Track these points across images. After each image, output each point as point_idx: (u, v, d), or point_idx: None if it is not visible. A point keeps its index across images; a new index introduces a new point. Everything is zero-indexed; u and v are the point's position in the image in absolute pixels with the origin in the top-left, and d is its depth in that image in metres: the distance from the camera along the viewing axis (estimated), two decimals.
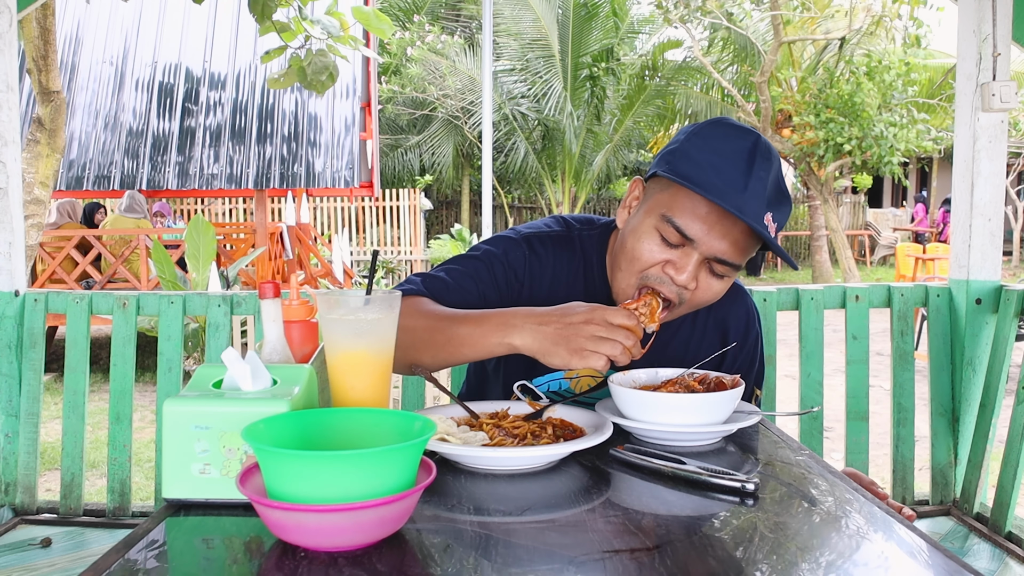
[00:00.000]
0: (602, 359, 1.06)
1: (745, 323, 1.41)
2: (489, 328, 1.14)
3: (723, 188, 1.13)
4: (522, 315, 1.13)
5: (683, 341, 1.39)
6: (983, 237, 2.33)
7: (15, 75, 2.29)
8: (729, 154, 1.16)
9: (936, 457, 2.36)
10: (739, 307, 1.42)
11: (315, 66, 2.84)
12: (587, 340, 1.06)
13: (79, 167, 7.40)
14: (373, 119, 8.38)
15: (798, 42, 12.01)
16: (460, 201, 16.83)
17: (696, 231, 1.16)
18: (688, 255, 1.18)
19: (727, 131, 1.20)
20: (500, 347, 1.13)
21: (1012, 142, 13.62)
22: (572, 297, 1.28)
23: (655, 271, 1.20)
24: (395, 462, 0.77)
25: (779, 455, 1.09)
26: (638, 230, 1.22)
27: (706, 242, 1.16)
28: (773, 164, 1.18)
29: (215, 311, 2.26)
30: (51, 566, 1.97)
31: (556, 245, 1.36)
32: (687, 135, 1.22)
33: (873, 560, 0.76)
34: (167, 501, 0.90)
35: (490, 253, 1.34)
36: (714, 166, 1.15)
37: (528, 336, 1.10)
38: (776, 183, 1.18)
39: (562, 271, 1.35)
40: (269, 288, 1.05)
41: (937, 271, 7.12)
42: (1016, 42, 2.30)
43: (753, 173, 1.14)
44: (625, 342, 1.06)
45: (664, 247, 1.19)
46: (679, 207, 1.17)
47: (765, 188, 1.15)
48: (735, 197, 1.13)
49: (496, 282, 1.33)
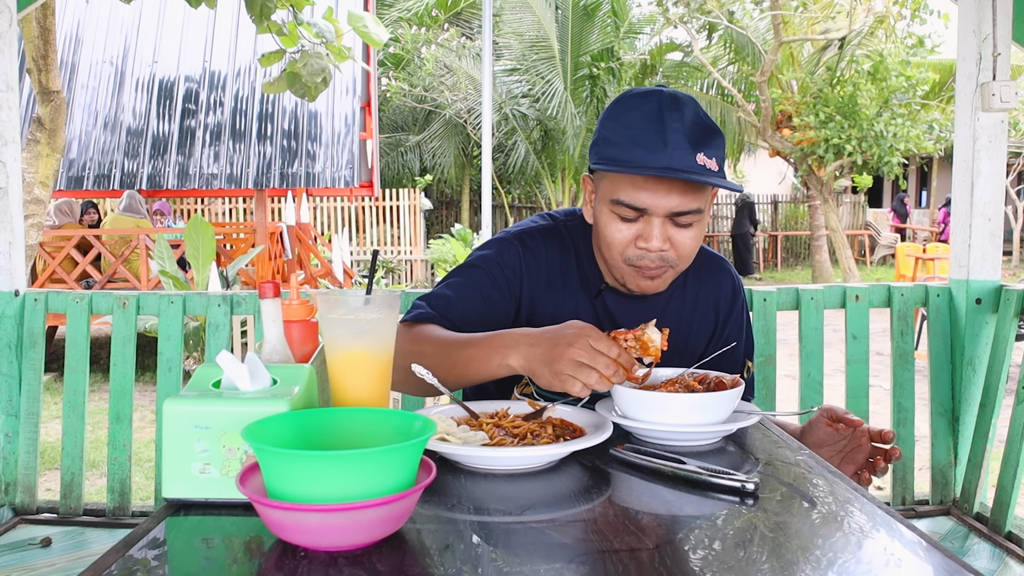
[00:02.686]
0: (578, 384, 1.08)
1: (732, 291, 1.49)
2: (490, 350, 1.19)
3: (647, 155, 1.20)
4: (518, 336, 1.18)
5: (676, 312, 1.44)
6: (983, 237, 2.33)
7: (15, 75, 2.29)
8: (640, 122, 1.22)
9: (936, 457, 2.36)
10: (724, 277, 1.49)
11: (311, 67, 2.84)
12: (567, 364, 1.09)
13: (79, 167, 7.40)
14: (373, 119, 8.37)
15: (798, 42, 12.01)
16: (460, 201, 16.83)
17: (644, 201, 1.23)
18: (649, 223, 1.24)
19: (631, 102, 1.26)
20: (501, 368, 1.18)
21: (1012, 142, 13.62)
22: (568, 283, 1.37)
23: (631, 250, 1.27)
24: (395, 462, 0.77)
25: (779, 455, 1.09)
26: (601, 220, 1.30)
27: (657, 205, 1.23)
28: (684, 110, 1.23)
29: (215, 311, 2.25)
30: (51, 566, 1.97)
31: (546, 238, 1.42)
32: (602, 122, 1.29)
33: (873, 560, 0.76)
34: (167, 501, 0.90)
35: (485, 258, 1.40)
36: (632, 139, 1.22)
37: (521, 357, 1.15)
38: (694, 123, 1.22)
39: (555, 261, 1.40)
40: (269, 288, 1.05)
41: (937, 271, 7.12)
42: (1016, 42, 2.30)
43: (667, 127, 1.20)
44: (604, 371, 1.08)
45: (627, 225, 1.26)
46: (620, 188, 1.24)
47: (684, 135, 1.20)
48: (660, 158, 1.19)
49: (496, 284, 1.37)
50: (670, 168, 1.19)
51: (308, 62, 2.85)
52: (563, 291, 1.39)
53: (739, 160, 16.00)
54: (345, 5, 7.87)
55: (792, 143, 11.57)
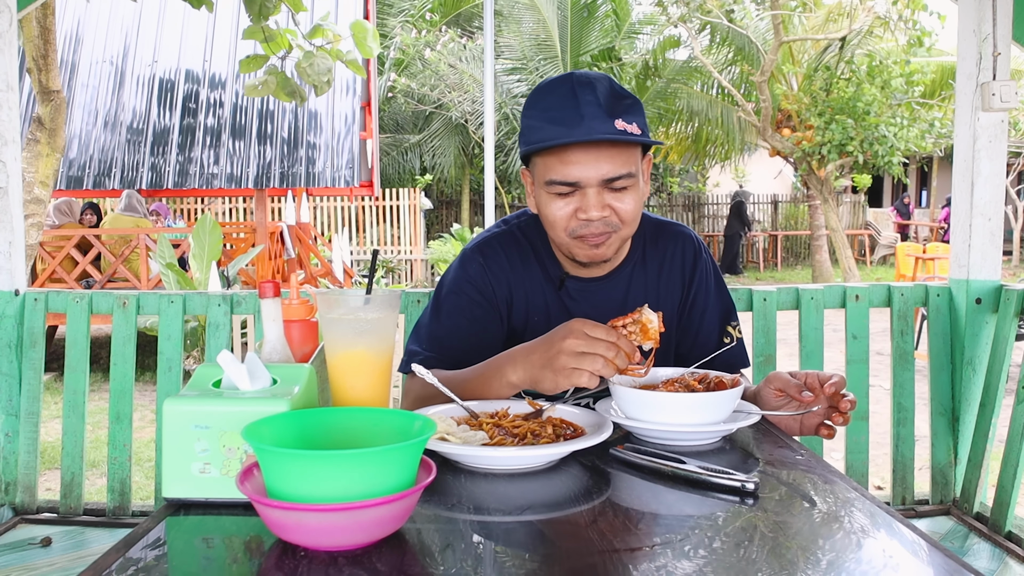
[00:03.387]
0: (584, 375, 1.09)
1: (693, 252, 1.51)
2: (489, 375, 1.23)
3: (567, 131, 1.25)
4: (513, 352, 1.22)
5: (640, 285, 1.47)
6: (983, 237, 2.32)
7: (15, 75, 2.29)
8: (555, 103, 1.28)
9: (936, 457, 2.35)
10: (682, 240, 1.51)
11: (316, 67, 2.84)
12: (569, 358, 1.10)
13: (79, 166, 7.39)
14: (373, 118, 8.37)
15: (798, 42, 12.00)
16: (460, 201, 16.83)
17: (574, 174, 1.27)
18: (584, 194, 1.29)
19: (546, 89, 1.32)
20: (504, 387, 1.21)
21: (1012, 142, 13.61)
22: (533, 282, 1.42)
23: (573, 223, 1.31)
24: (395, 462, 0.77)
25: (779, 455, 1.09)
26: (541, 204, 1.34)
27: (588, 176, 1.27)
28: (596, 85, 1.29)
29: (215, 310, 2.25)
30: (51, 565, 1.97)
31: (503, 243, 1.46)
32: (522, 115, 1.36)
33: (873, 560, 0.76)
34: (167, 500, 0.90)
35: (454, 281, 1.45)
36: (550, 119, 1.27)
37: (520, 370, 1.18)
38: (608, 95, 1.28)
39: (516, 262, 1.45)
40: (269, 287, 1.05)
41: (937, 271, 7.12)
42: (1016, 42, 2.30)
43: (581, 102, 1.26)
44: (606, 354, 1.09)
45: (564, 201, 1.30)
46: (551, 168, 1.29)
47: (600, 106, 1.26)
48: (580, 129, 1.24)
49: (475, 301, 1.42)
50: (591, 134, 1.24)
51: (313, 61, 2.85)
52: (530, 289, 1.44)
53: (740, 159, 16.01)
54: (344, 9, 7.88)
55: (792, 143, 11.57)
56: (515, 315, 1.44)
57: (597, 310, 1.42)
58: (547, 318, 1.43)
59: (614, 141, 1.25)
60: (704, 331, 1.48)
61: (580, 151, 1.26)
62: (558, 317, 1.40)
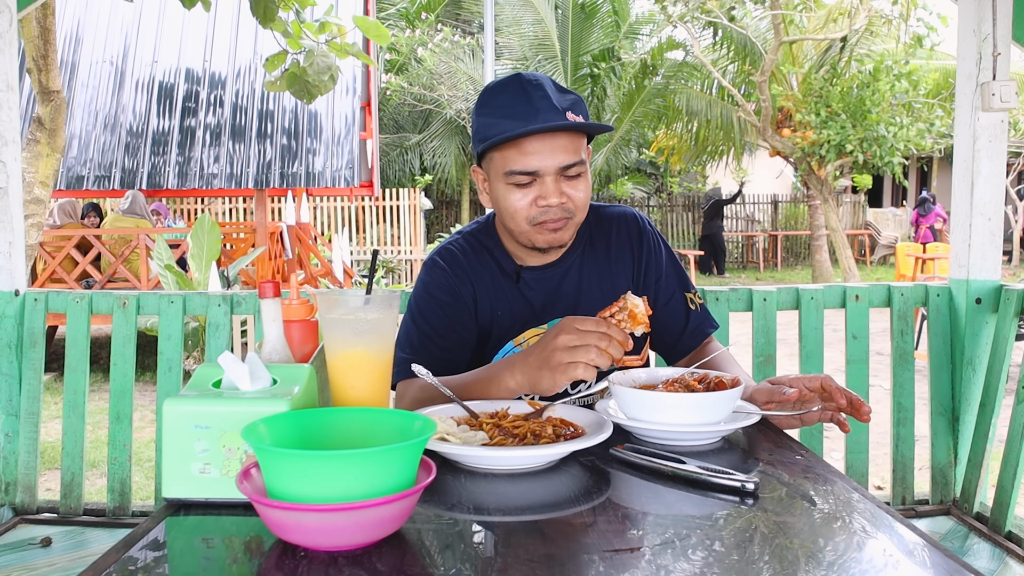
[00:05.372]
0: (579, 367, 1.11)
1: (637, 224, 1.57)
2: (487, 381, 1.26)
3: (524, 124, 1.31)
4: (510, 358, 1.25)
5: (592, 265, 1.51)
6: (983, 237, 2.32)
7: (15, 75, 2.29)
8: (508, 100, 1.35)
9: (936, 457, 2.35)
10: (623, 217, 1.57)
11: (317, 66, 2.84)
12: (563, 353, 1.12)
13: (79, 167, 7.39)
14: (373, 118, 8.37)
15: (799, 42, 11.99)
16: (460, 201, 16.83)
17: (532, 163, 1.33)
18: (542, 183, 1.35)
19: (495, 90, 1.39)
20: (503, 392, 1.24)
21: (1012, 142, 13.61)
22: (492, 279, 1.47)
23: (534, 211, 1.37)
24: (395, 462, 0.77)
25: (779, 455, 1.09)
26: (500, 197, 1.40)
27: (544, 164, 1.33)
28: (543, 82, 1.37)
29: (215, 311, 2.25)
30: (51, 566, 1.97)
31: (459, 248, 1.52)
32: (475, 117, 1.42)
33: (873, 560, 0.76)
34: (167, 500, 0.90)
35: (425, 287, 1.49)
36: (506, 115, 1.34)
37: (517, 373, 1.21)
38: (557, 92, 1.36)
39: (475, 263, 1.50)
40: (269, 288, 1.05)
41: (937, 271, 7.12)
42: (1016, 42, 2.30)
43: (532, 96, 1.33)
44: (599, 344, 1.11)
45: (523, 191, 1.36)
46: (509, 159, 1.35)
47: (549, 99, 1.33)
48: (535, 120, 1.31)
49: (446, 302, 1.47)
50: (547, 123, 1.30)
51: (314, 61, 2.84)
52: (490, 285, 1.49)
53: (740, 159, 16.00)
54: (345, 4, 7.88)
55: (792, 143, 11.57)
56: (480, 313, 1.48)
57: (555, 295, 1.48)
58: (510, 311, 1.47)
59: (568, 131, 1.33)
60: (662, 295, 1.54)
61: (538, 141, 1.32)
62: (520, 308, 1.47)
